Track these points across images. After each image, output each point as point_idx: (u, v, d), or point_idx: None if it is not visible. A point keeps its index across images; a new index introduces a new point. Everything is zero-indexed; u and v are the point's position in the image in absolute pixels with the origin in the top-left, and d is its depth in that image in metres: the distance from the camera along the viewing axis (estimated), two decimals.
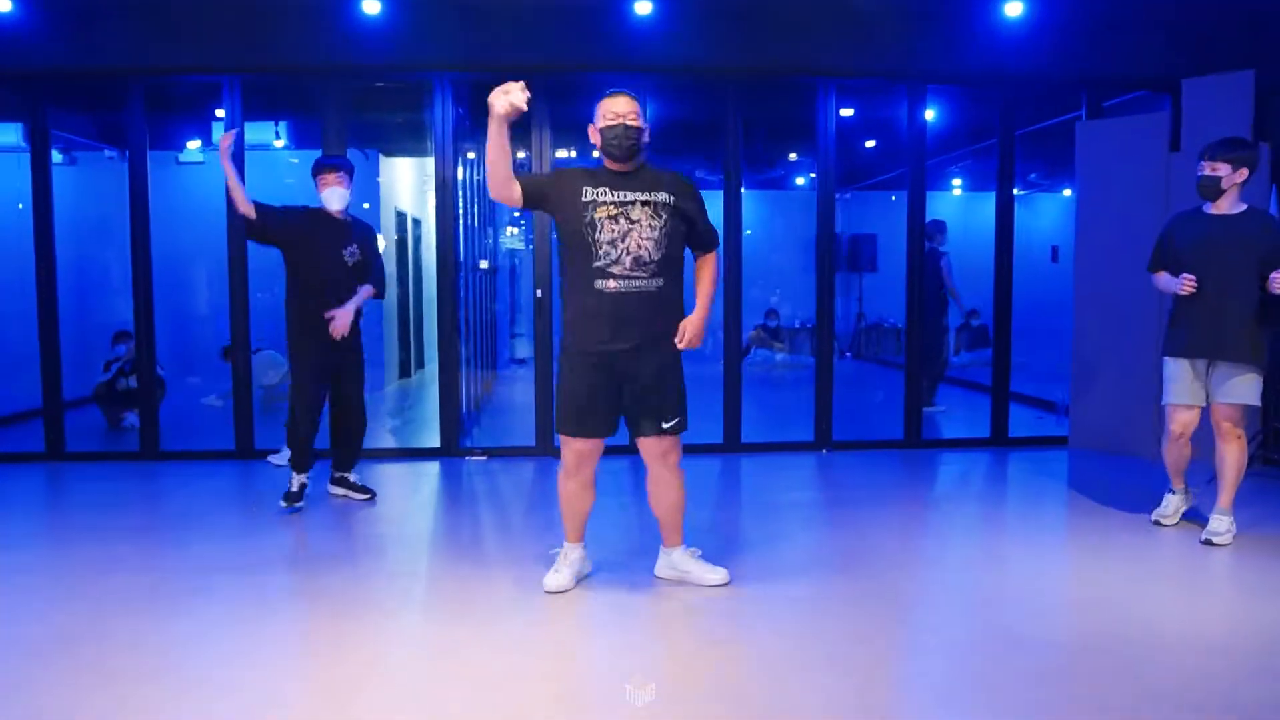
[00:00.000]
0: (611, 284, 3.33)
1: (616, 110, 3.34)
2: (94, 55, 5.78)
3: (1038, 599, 3.55)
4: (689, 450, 5.94)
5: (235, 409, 6.14)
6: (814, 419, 6.41)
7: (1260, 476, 5.39)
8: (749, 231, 7.55)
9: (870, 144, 9.90)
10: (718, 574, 3.61)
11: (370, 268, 4.81)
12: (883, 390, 6.54)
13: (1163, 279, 4.36)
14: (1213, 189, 4.19)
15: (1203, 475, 4.84)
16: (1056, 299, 7.27)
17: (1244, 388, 4.16)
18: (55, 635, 3.17)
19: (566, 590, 3.56)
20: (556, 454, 6.11)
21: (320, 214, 4.72)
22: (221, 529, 4.57)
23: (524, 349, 12.64)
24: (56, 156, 8.49)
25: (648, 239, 3.32)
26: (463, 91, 6.47)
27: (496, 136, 3.19)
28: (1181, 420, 4.31)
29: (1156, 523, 4.48)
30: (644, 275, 3.33)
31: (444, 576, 3.88)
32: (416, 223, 10.92)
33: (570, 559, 3.64)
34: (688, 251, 3.57)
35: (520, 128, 6.72)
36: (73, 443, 6.24)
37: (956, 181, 12.06)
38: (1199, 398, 4.26)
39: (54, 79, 5.98)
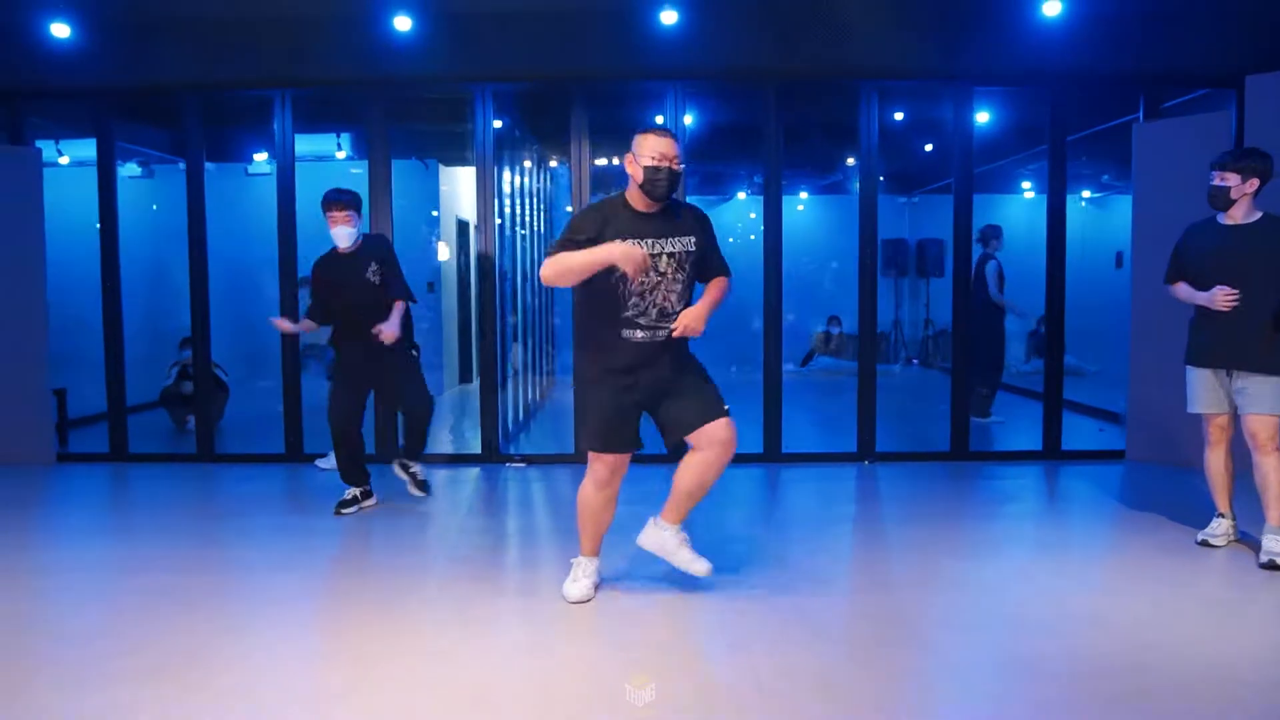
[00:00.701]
0: (638, 334, 3.38)
1: (663, 152, 3.30)
2: (151, 72, 6.06)
3: (1065, 622, 3.41)
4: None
5: (285, 413, 6.32)
6: (856, 429, 6.28)
7: None
8: (787, 237, 7.42)
9: (929, 147, 9.67)
10: (701, 564, 3.57)
11: (392, 279, 4.90)
12: (945, 400, 6.42)
13: (1182, 290, 4.33)
14: (1222, 199, 4.15)
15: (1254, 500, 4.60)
16: (1124, 305, 6.99)
17: (1270, 396, 4.05)
18: (61, 634, 3.32)
19: (588, 600, 3.58)
20: None
21: (335, 256, 4.90)
22: (252, 529, 4.73)
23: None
24: (134, 169, 8.96)
25: (673, 291, 3.37)
26: (504, 102, 6.57)
27: (589, 267, 3.25)
28: (1216, 425, 4.25)
29: (1204, 542, 4.28)
30: (666, 324, 3.39)
31: (453, 583, 3.92)
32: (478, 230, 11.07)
33: (588, 570, 3.66)
34: None
35: (559, 137, 6.83)
36: (139, 445, 6.54)
37: (1026, 185, 11.69)
38: (1224, 405, 4.20)
39: (116, 95, 6.27)
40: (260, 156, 8.86)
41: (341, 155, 8.69)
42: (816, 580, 3.84)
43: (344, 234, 4.81)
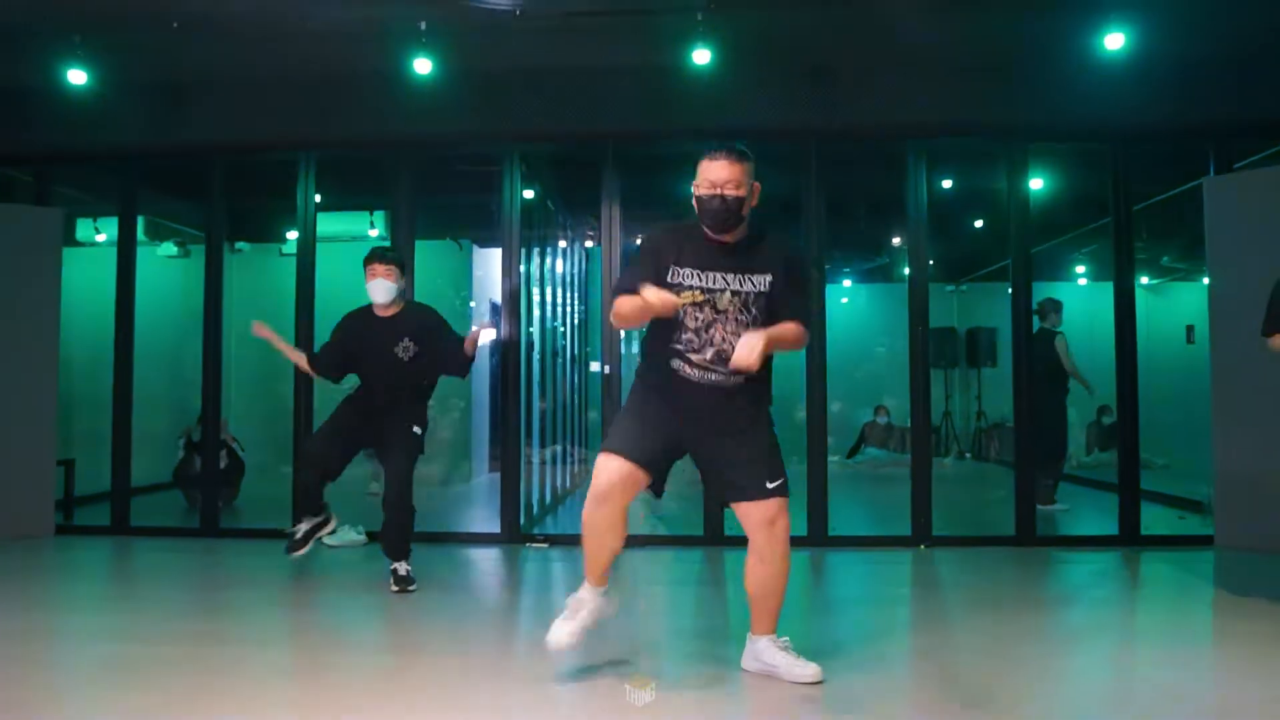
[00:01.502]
0: (687, 369, 3.02)
1: (712, 179, 2.97)
2: (173, 134, 5.98)
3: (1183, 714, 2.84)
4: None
5: (294, 487, 5.94)
6: (910, 513, 5.74)
7: None
8: (831, 325, 7.03)
9: (980, 223, 9.33)
10: (808, 670, 3.06)
11: (443, 351, 4.49)
12: (1003, 490, 5.88)
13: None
14: None
15: None
16: (1194, 390, 6.47)
17: None
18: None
19: (571, 646, 3.09)
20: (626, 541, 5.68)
21: (369, 315, 4.52)
22: (235, 602, 4.32)
23: None
24: (171, 249, 8.92)
25: (733, 334, 2.97)
26: (534, 168, 6.38)
27: (642, 314, 2.92)
28: None
29: None
30: (722, 371, 2.99)
31: (441, 660, 3.45)
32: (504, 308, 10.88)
33: (587, 605, 3.13)
34: None
35: (591, 207, 6.60)
36: (153, 521, 6.25)
37: (1080, 269, 11.27)
38: None
39: (138, 159, 6.18)
40: (293, 235, 8.77)
41: (374, 234, 8.56)
42: (875, 665, 3.31)
43: (382, 288, 4.41)
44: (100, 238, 8.46)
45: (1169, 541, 5.69)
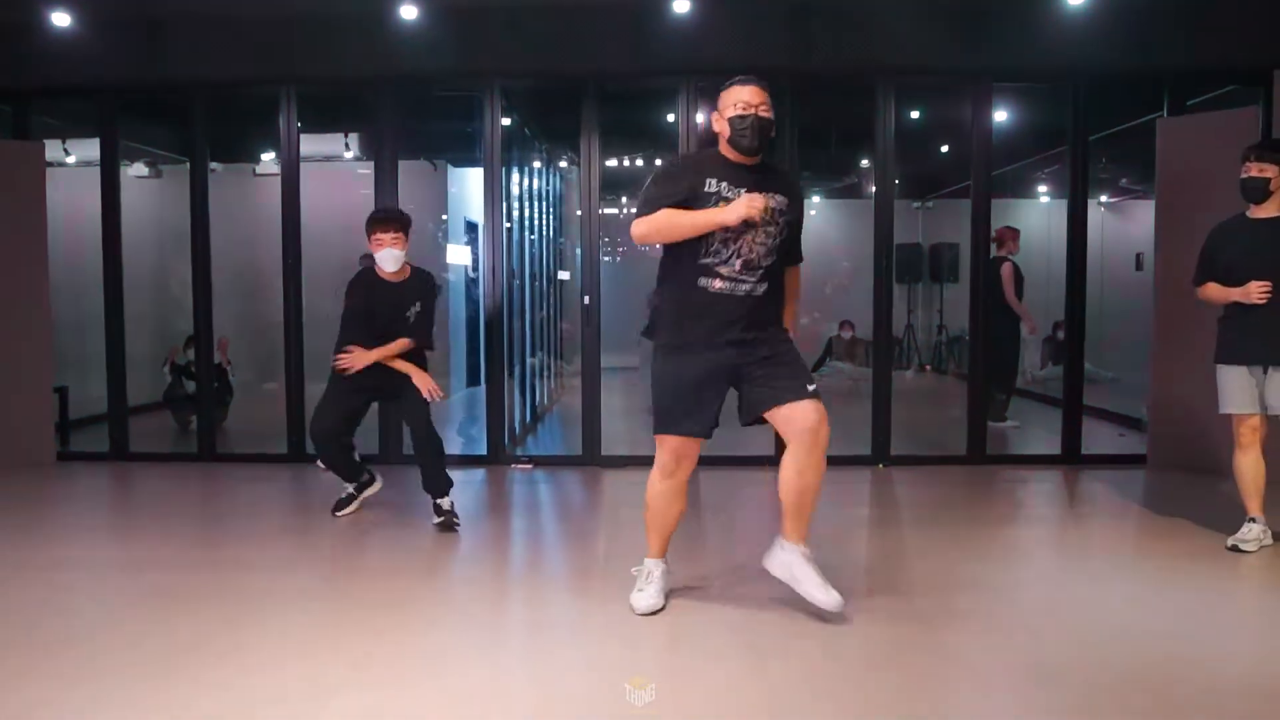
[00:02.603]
0: (717, 283, 3.16)
1: (746, 99, 3.13)
2: (156, 70, 6.00)
3: (1089, 630, 3.26)
4: (737, 462, 5.93)
5: (288, 414, 6.22)
6: (871, 433, 6.14)
7: None
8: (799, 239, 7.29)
9: (945, 149, 9.52)
10: (831, 597, 3.19)
11: (421, 319, 4.52)
12: (960, 406, 6.29)
13: (1213, 290, 4.24)
14: (1259, 191, 4.10)
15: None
16: (1143, 310, 6.85)
17: None
18: (51, 632, 3.21)
19: (658, 610, 3.31)
20: (602, 463, 6.06)
21: (375, 280, 4.47)
22: (250, 530, 4.62)
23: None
24: (142, 169, 8.89)
25: (760, 244, 3.15)
26: (513, 99, 6.48)
27: (703, 227, 3.07)
28: (1249, 426, 4.14)
29: (1234, 548, 4.11)
30: (750, 280, 3.17)
31: (450, 586, 3.81)
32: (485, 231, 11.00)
33: (655, 575, 3.38)
34: None
35: (569, 136, 6.72)
36: (143, 445, 6.46)
37: (1043, 189, 11.54)
38: (1257, 405, 4.11)
39: (120, 93, 6.21)
40: (268, 157, 8.78)
41: (349, 155, 8.61)
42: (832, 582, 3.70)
43: (392, 257, 4.39)
44: (70, 159, 8.44)
45: (1107, 461, 6.15)
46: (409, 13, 5.47)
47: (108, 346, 6.31)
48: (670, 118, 6.25)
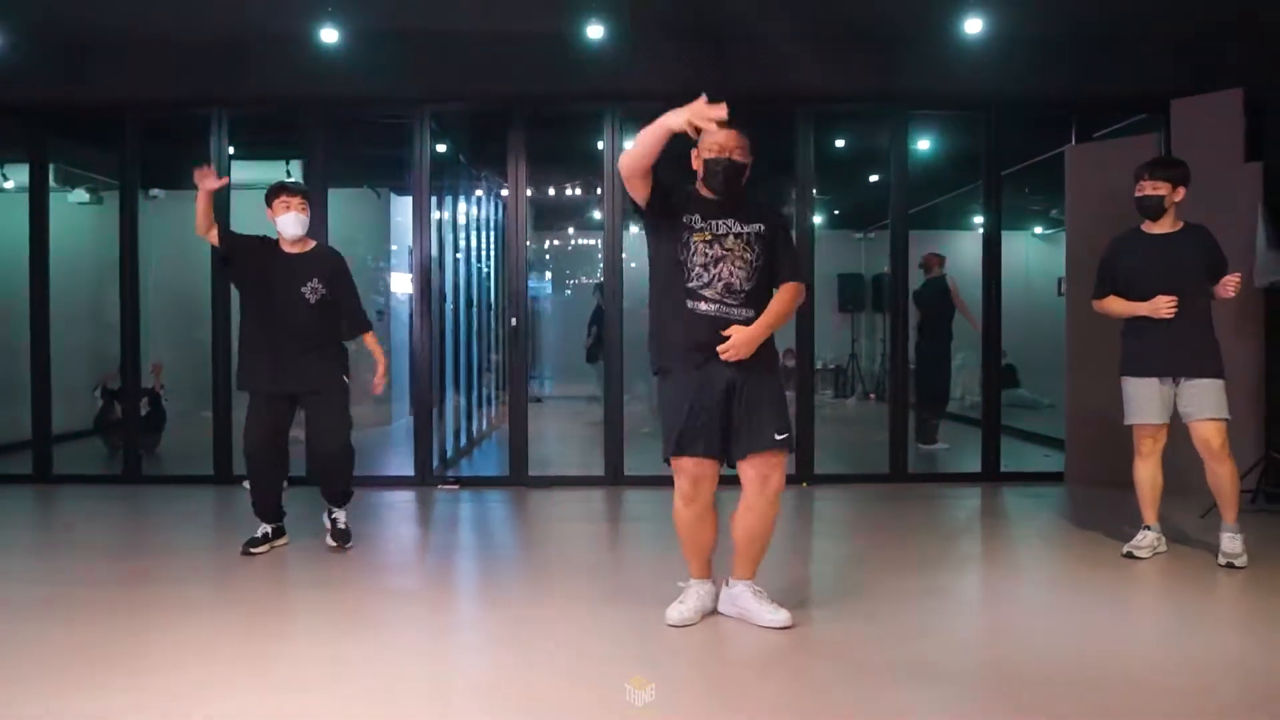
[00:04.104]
0: (703, 306, 3.22)
1: (721, 143, 3.22)
2: (85, 90, 6.03)
3: (981, 633, 3.35)
4: (667, 481, 5.95)
5: (215, 436, 6.21)
6: (796, 453, 6.22)
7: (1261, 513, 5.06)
8: None
9: (875, 178, 9.76)
10: (779, 615, 3.28)
11: (341, 304, 4.37)
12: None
13: (1116, 304, 4.33)
14: (1155, 207, 4.22)
15: (1197, 509, 4.61)
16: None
17: (1216, 400, 4.10)
18: None
19: (690, 624, 3.31)
20: (529, 484, 6.09)
21: (276, 248, 4.30)
22: (171, 548, 4.60)
23: (545, 388, 12.69)
24: (83, 195, 8.88)
25: (739, 268, 3.22)
26: (447, 125, 6.59)
27: (656, 135, 3.05)
28: (1150, 437, 4.24)
29: (1129, 554, 4.23)
30: (734, 303, 3.22)
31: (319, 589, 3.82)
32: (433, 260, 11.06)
33: (696, 593, 3.38)
34: None
35: (496, 158, 6.83)
36: (75, 469, 6.41)
37: (979, 220, 11.79)
38: (1165, 415, 4.20)
39: (49, 113, 6.23)
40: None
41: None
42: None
43: (292, 220, 4.20)
44: (9, 184, 8.42)
45: (1026, 477, 6.29)
46: (329, 35, 5.58)
47: (32, 371, 6.28)
48: (599, 145, 6.38)
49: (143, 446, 6.99)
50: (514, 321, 6.21)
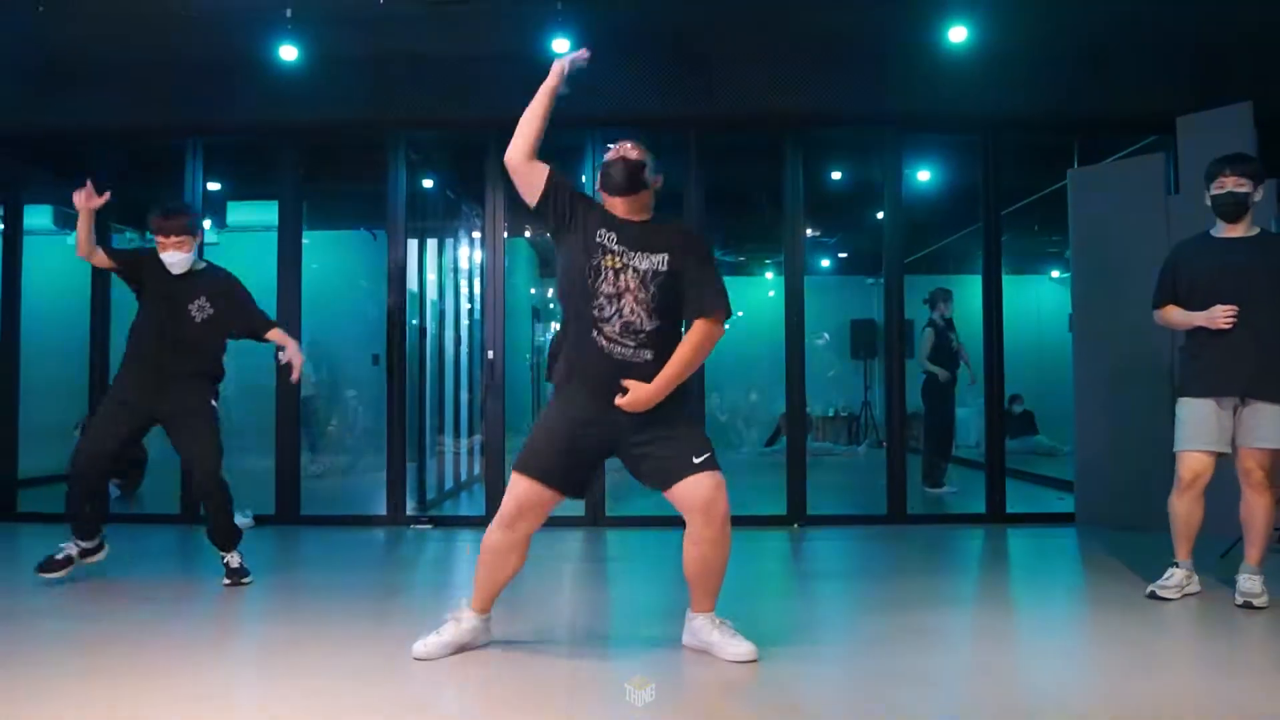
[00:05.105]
0: (602, 341, 2.99)
1: (615, 147, 3.14)
2: (56, 119, 5.95)
3: (937, 673, 2.99)
4: (653, 523, 5.67)
5: (182, 472, 5.97)
6: (786, 494, 5.89)
7: None
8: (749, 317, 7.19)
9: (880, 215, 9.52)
10: (743, 648, 3.05)
11: (236, 319, 4.27)
12: (909, 478, 6.11)
13: (1175, 314, 3.89)
14: (1239, 206, 3.77)
15: (1216, 546, 4.22)
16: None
17: (1277, 429, 3.66)
18: None
19: (431, 659, 3.07)
20: None
21: (159, 263, 4.16)
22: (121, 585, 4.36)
23: None
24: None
25: (640, 307, 2.98)
26: (428, 157, 6.46)
27: (540, 100, 3.09)
28: (1195, 467, 3.76)
29: (1152, 594, 3.82)
30: (631, 344, 2.98)
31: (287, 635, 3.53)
32: (433, 304, 10.93)
33: (462, 626, 3.14)
34: None
35: (474, 183, 6.67)
36: (50, 508, 6.20)
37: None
38: (1222, 443, 3.74)
39: (20, 143, 6.18)
40: (206, 224, 8.76)
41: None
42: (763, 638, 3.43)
43: (178, 260, 4.09)
44: None
45: (1033, 518, 5.89)
46: (289, 53, 5.45)
47: (0, 410, 6.13)
48: (583, 178, 6.19)
49: (120, 487, 6.82)
50: (490, 355, 5.98)
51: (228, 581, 4.19)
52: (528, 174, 3.06)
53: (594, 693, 2.83)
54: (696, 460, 2.97)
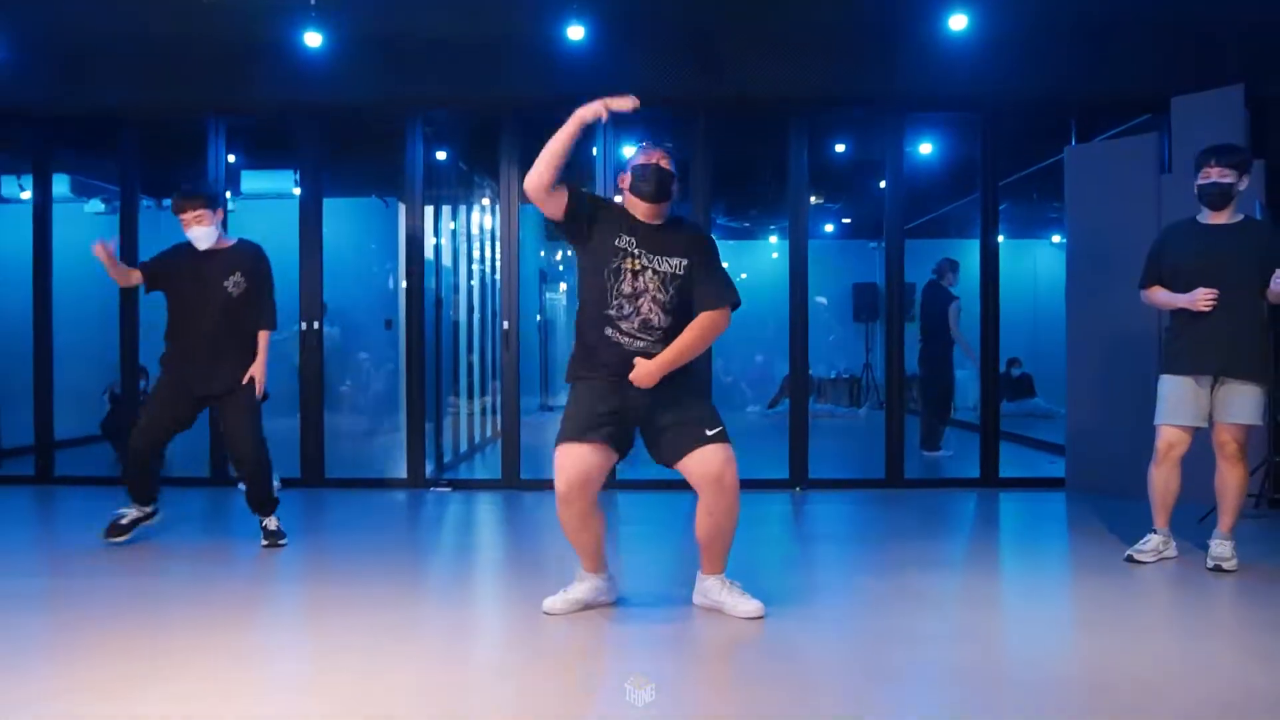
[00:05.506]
0: (618, 336, 3.23)
1: (649, 154, 3.28)
2: (84, 98, 6.14)
3: (931, 630, 3.27)
4: (657, 486, 5.95)
5: (212, 434, 6.25)
6: (789, 458, 6.16)
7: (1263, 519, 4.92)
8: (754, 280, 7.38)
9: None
10: (751, 605, 3.32)
11: (259, 299, 4.40)
12: (908, 440, 6.36)
13: (1160, 295, 4.13)
14: (1224, 196, 3.97)
15: (1195, 513, 4.49)
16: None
17: (1251, 406, 3.94)
18: None
19: (562, 613, 3.36)
20: (521, 485, 6.07)
21: (193, 250, 4.34)
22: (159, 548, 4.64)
23: (559, 397, 12.70)
24: (99, 205, 9.05)
25: (658, 305, 3.22)
26: (443, 133, 6.63)
27: (568, 130, 3.14)
28: (1171, 439, 4.04)
29: (1129, 558, 4.11)
30: (648, 339, 3.23)
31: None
32: (445, 271, 11.12)
33: (583, 585, 3.42)
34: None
35: (487, 156, 6.83)
36: (78, 471, 6.50)
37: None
38: (1199, 418, 4.00)
39: (50, 122, 6.36)
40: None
41: (298, 192, 8.74)
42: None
43: (201, 235, 4.25)
44: (26, 194, 8.58)
45: (1025, 483, 6.16)
46: (320, 42, 5.63)
47: (35, 374, 6.40)
48: (594, 150, 6.37)
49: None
50: (505, 325, 6.21)
51: (265, 543, 4.46)
52: (548, 200, 3.21)
53: (615, 653, 3.12)
54: (709, 434, 3.21)
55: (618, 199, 3.40)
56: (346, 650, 3.04)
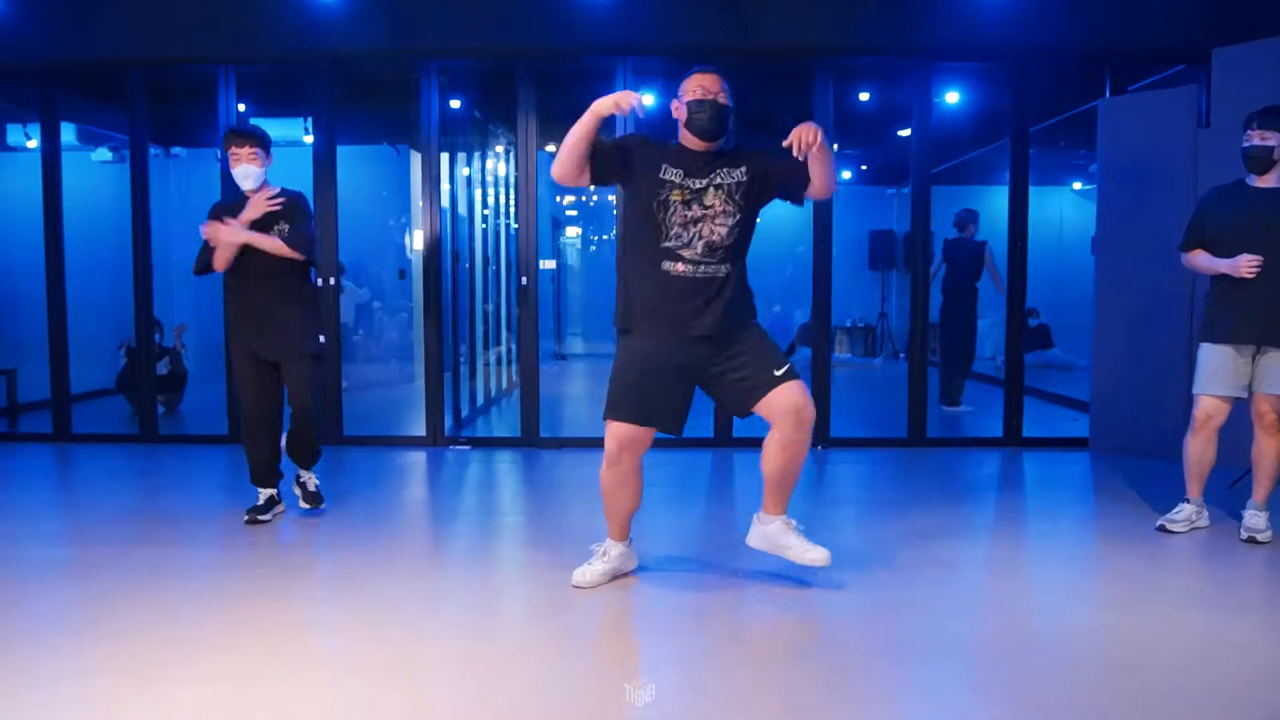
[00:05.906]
0: (680, 267, 3.14)
1: (705, 85, 3.15)
2: (92, 48, 5.98)
3: (964, 603, 3.24)
4: (678, 444, 5.90)
5: (228, 392, 6.22)
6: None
7: None
8: (769, 228, 7.26)
9: (906, 132, 9.47)
10: (819, 553, 3.25)
11: (300, 235, 4.20)
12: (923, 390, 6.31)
13: (1202, 259, 4.00)
14: (1264, 160, 3.85)
15: (1226, 478, 4.43)
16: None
17: None
18: None
19: (593, 586, 3.33)
20: (541, 444, 6.05)
21: (237, 204, 4.19)
22: (182, 507, 4.63)
23: (573, 345, 12.64)
24: (105, 154, 8.92)
25: (721, 225, 3.14)
26: (458, 82, 6.46)
27: (586, 124, 3.04)
28: (1209, 409, 3.96)
29: (1162, 528, 4.06)
30: (714, 261, 3.16)
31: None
32: (461, 220, 10.99)
33: (609, 555, 3.39)
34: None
35: (506, 117, 6.68)
36: (95, 426, 6.49)
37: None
38: (1238, 389, 3.91)
39: (58, 72, 6.21)
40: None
41: (309, 140, 8.59)
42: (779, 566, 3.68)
43: (250, 174, 4.12)
44: (31, 143, 8.45)
45: (1048, 443, 6.11)
46: None
47: (49, 328, 6.34)
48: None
49: (164, 404, 7.09)
50: (524, 281, 6.12)
51: (305, 505, 4.41)
52: (579, 178, 3.14)
53: (643, 628, 3.10)
54: (778, 373, 3.16)
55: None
56: (380, 624, 3.02)
